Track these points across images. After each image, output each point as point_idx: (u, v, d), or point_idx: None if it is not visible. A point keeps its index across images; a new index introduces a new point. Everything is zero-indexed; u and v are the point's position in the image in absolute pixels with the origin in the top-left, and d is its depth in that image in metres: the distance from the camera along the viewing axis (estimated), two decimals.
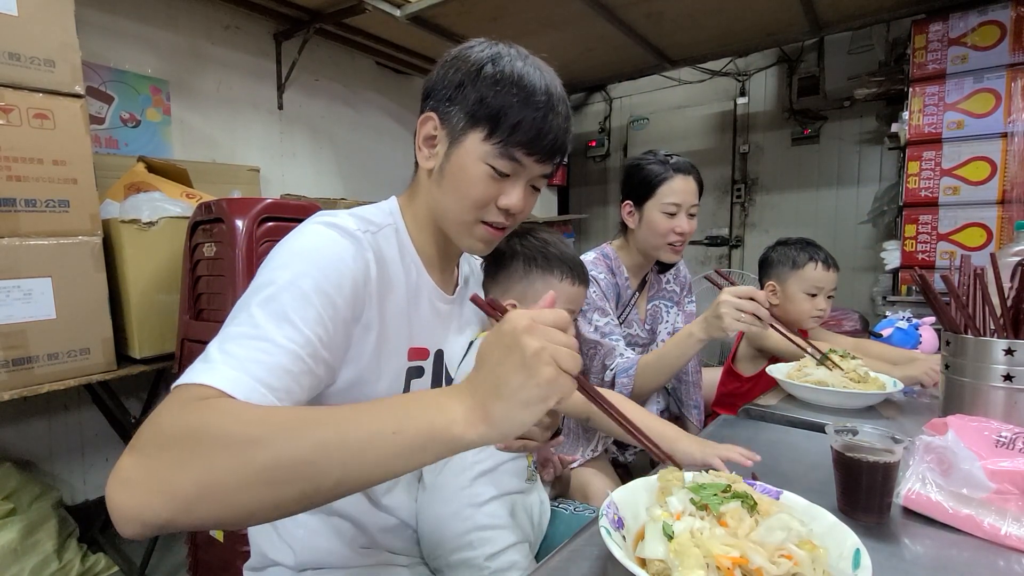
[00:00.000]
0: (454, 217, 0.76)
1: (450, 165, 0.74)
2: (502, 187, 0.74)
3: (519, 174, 0.74)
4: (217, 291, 1.50)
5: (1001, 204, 2.18)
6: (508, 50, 0.74)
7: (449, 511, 0.81)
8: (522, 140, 0.71)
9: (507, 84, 0.70)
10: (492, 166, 0.72)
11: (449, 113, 0.73)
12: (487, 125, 0.71)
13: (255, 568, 0.82)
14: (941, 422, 0.74)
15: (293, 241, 0.67)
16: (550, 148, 0.73)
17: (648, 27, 2.62)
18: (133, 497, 0.43)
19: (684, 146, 3.80)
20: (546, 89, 0.72)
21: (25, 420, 1.97)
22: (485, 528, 0.80)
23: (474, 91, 0.71)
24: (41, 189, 1.43)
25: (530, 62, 0.74)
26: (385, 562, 0.82)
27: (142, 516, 0.43)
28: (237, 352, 0.53)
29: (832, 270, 1.53)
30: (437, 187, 0.76)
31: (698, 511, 0.55)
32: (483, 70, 0.71)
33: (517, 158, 0.72)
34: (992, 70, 2.18)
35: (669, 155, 1.41)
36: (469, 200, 0.74)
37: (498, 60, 0.72)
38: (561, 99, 0.74)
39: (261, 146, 2.71)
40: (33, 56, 1.40)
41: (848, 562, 0.52)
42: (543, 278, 0.96)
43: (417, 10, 2.37)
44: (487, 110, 0.70)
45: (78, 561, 1.72)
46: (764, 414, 1.11)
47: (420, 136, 0.78)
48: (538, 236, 0.99)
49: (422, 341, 0.79)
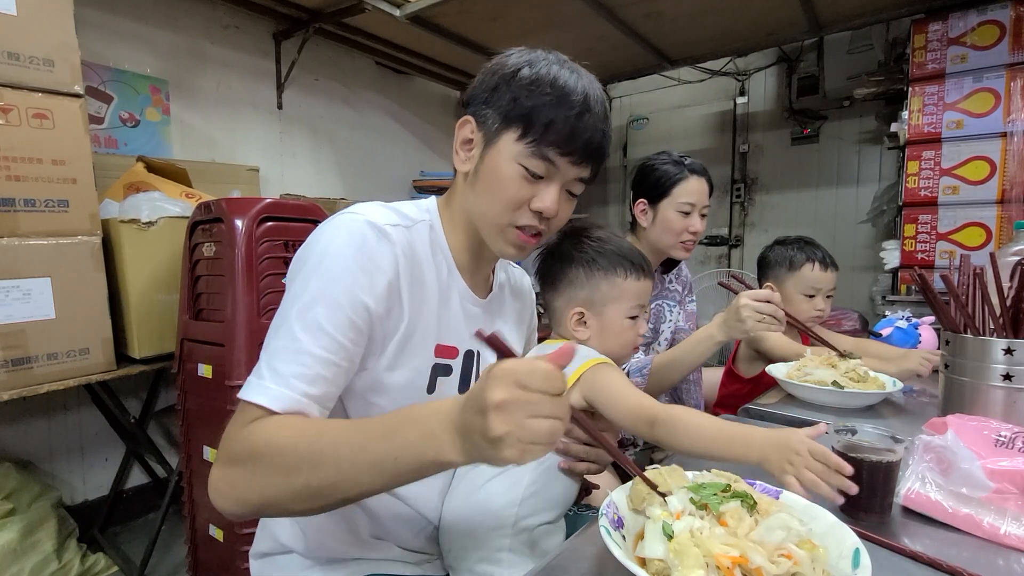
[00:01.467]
0: (487, 219, 0.75)
1: (484, 167, 0.74)
2: (535, 189, 0.73)
3: (553, 176, 0.73)
4: (216, 291, 1.49)
5: (1000, 204, 2.18)
6: (545, 55, 0.74)
7: (491, 523, 0.80)
8: (555, 140, 0.70)
9: (541, 84, 0.70)
10: (525, 166, 0.71)
11: (485, 116, 0.74)
12: (520, 125, 0.70)
13: (264, 553, 0.83)
14: (941, 421, 0.74)
15: (325, 240, 0.68)
16: (584, 149, 0.72)
17: (648, 27, 2.62)
18: (224, 502, 0.60)
19: (684, 146, 3.80)
20: (582, 90, 0.71)
21: (25, 420, 1.97)
22: (518, 552, 0.80)
23: (508, 92, 0.71)
24: (40, 189, 1.43)
25: (567, 66, 0.73)
26: (396, 557, 0.82)
27: (232, 513, 0.60)
28: (281, 368, 0.62)
29: (830, 270, 1.53)
30: (471, 189, 0.76)
31: (698, 510, 0.55)
32: (519, 73, 0.71)
33: (550, 158, 0.71)
34: (991, 70, 2.18)
35: (683, 156, 1.43)
36: (502, 201, 0.73)
37: (534, 63, 0.72)
38: (599, 101, 0.73)
39: (260, 146, 2.71)
40: (32, 56, 1.40)
41: (848, 561, 0.52)
42: (608, 279, 0.92)
43: (417, 10, 2.37)
44: (520, 110, 0.70)
45: (78, 561, 1.72)
46: (764, 414, 1.11)
47: (458, 140, 0.78)
48: (592, 236, 0.96)
49: (451, 340, 0.79)
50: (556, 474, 0.84)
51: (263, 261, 1.45)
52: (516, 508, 0.81)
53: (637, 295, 0.94)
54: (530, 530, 0.82)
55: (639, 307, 0.94)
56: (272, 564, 0.82)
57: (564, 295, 0.95)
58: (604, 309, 0.93)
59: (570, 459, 0.85)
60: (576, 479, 0.88)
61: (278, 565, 0.81)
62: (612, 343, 0.93)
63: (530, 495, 0.81)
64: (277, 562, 0.81)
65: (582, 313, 0.93)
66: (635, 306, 0.94)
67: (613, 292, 0.92)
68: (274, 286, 1.47)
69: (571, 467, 0.84)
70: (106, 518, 2.13)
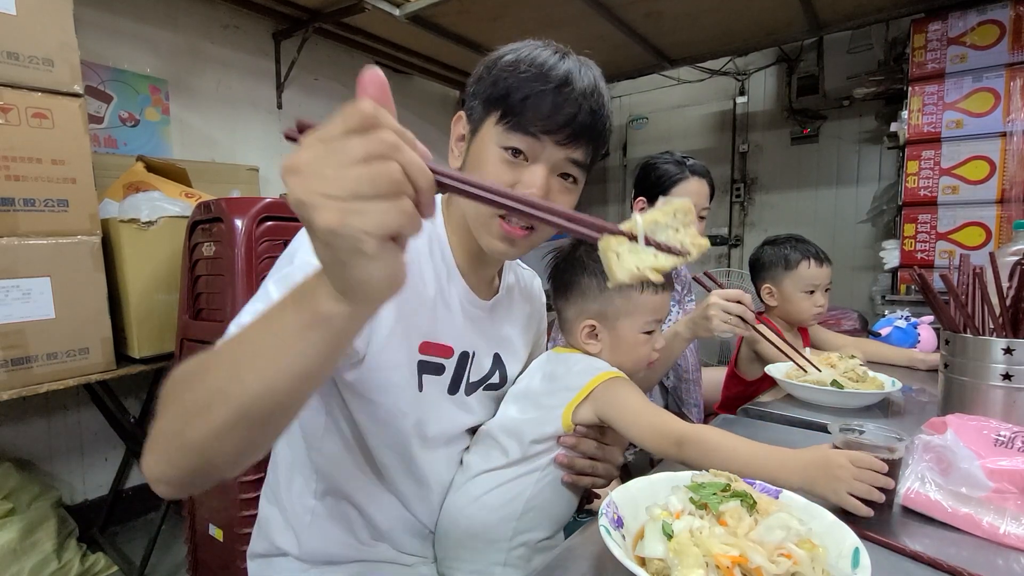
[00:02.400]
0: (473, 212, 0.72)
1: (470, 157, 0.73)
2: (519, 173, 0.69)
3: (537, 155, 0.69)
4: (216, 291, 1.49)
5: (1000, 203, 2.18)
6: (534, 42, 0.72)
7: (488, 536, 0.79)
8: (534, 116, 0.67)
9: (520, 64, 0.68)
10: (505, 147, 0.68)
11: (472, 108, 0.73)
12: (500, 107, 0.69)
13: (260, 555, 0.82)
14: (940, 421, 0.74)
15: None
16: (568, 124, 0.67)
17: (647, 26, 2.62)
18: (146, 470, 0.48)
19: (683, 145, 3.80)
20: (565, 69, 0.68)
21: (24, 420, 1.97)
22: (513, 567, 0.80)
23: (489, 77, 0.70)
24: (40, 188, 1.42)
25: (554, 49, 0.71)
26: (390, 559, 0.82)
27: (160, 477, 0.47)
28: (241, 318, 0.58)
29: (825, 265, 1.53)
30: None
31: (697, 510, 0.55)
32: (502, 59, 0.71)
33: (531, 132, 0.67)
34: (991, 69, 2.18)
35: (686, 156, 1.42)
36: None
37: (519, 50, 0.71)
38: (586, 78, 0.69)
39: (260, 145, 2.71)
40: (32, 55, 1.40)
41: (847, 561, 0.52)
42: (622, 292, 0.85)
43: (416, 9, 2.37)
44: (499, 91, 0.69)
45: (77, 561, 1.72)
46: (764, 413, 1.11)
47: (453, 137, 0.77)
48: None
49: (447, 339, 0.77)
50: (559, 489, 0.82)
51: (263, 261, 1.44)
52: (514, 522, 0.79)
53: (654, 310, 0.87)
54: (527, 546, 0.81)
55: (655, 321, 0.88)
56: (268, 566, 0.81)
57: (575, 305, 0.89)
58: (617, 323, 0.87)
59: (574, 474, 0.83)
60: (578, 494, 0.87)
61: (274, 567, 0.80)
62: (624, 358, 0.88)
63: (530, 509, 0.80)
64: (273, 564, 0.81)
65: (594, 326, 0.88)
66: (651, 321, 0.87)
67: (627, 306, 0.86)
68: None
69: (575, 481, 0.82)
70: (106, 518, 2.14)
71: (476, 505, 0.80)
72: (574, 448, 0.81)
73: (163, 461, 0.46)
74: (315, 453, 0.77)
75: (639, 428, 0.77)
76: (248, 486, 1.40)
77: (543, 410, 0.82)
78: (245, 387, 0.41)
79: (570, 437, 0.81)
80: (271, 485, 0.83)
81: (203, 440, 0.43)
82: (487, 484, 0.81)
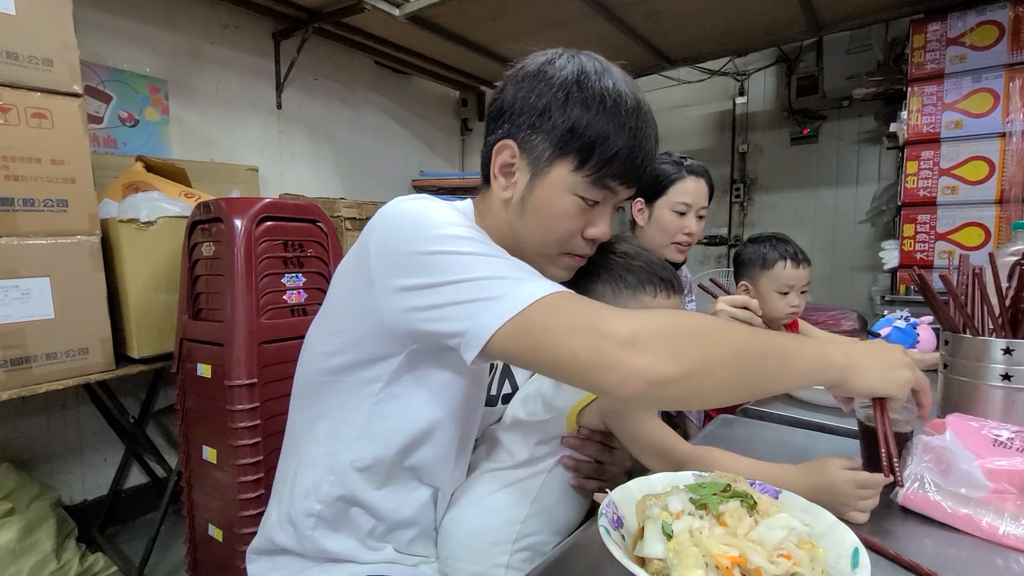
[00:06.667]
0: (536, 249, 0.72)
1: (534, 199, 0.70)
2: (590, 217, 0.70)
3: (608, 201, 0.70)
4: (216, 290, 1.49)
5: (999, 204, 2.18)
6: (591, 64, 0.68)
7: (492, 537, 0.79)
8: (617, 171, 0.67)
9: (596, 107, 0.65)
10: (583, 197, 0.68)
11: (532, 142, 0.68)
12: (577, 156, 0.66)
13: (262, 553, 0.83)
14: (939, 421, 0.74)
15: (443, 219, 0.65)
16: (642, 171, 0.69)
17: (647, 26, 2.62)
18: (655, 365, 0.54)
19: (683, 146, 3.80)
20: (636, 106, 0.67)
21: (23, 420, 1.96)
22: (516, 570, 0.79)
23: (562, 117, 0.66)
24: (39, 188, 1.42)
25: (615, 75, 0.68)
26: (392, 559, 0.81)
27: (660, 375, 0.54)
28: (510, 274, 0.60)
29: (803, 266, 1.52)
30: (518, 218, 0.72)
31: (697, 510, 0.55)
32: (570, 94, 0.66)
33: (610, 187, 0.68)
34: (990, 70, 2.18)
35: (684, 156, 1.42)
36: (556, 235, 0.70)
37: (584, 81, 0.66)
38: (649, 111, 0.70)
39: (260, 145, 2.71)
40: (31, 55, 1.40)
41: (847, 561, 0.52)
42: (635, 298, 0.84)
43: (416, 9, 2.36)
44: (578, 141, 0.65)
45: (77, 561, 1.72)
46: (763, 414, 1.11)
47: (496, 163, 0.72)
48: (618, 250, 0.88)
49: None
50: (566, 492, 0.82)
51: (262, 261, 1.45)
52: (520, 524, 0.79)
53: None
54: (531, 550, 0.80)
55: None
56: (270, 563, 0.81)
57: None
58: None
59: (580, 477, 0.83)
60: (586, 499, 0.86)
61: (276, 565, 0.81)
62: None
63: (536, 512, 0.80)
64: (275, 562, 0.81)
65: None
66: None
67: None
68: (273, 286, 1.47)
69: (581, 484, 0.82)
70: (105, 518, 2.13)
71: (481, 505, 0.80)
72: (578, 450, 0.82)
73: (674, 363, 0.55)
74: (343, 452, 0.75)
75: (641, 445, 0.77)
76: (248, 486, 1.40)
77: (550, 412, 0.82)
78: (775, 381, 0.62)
79: (573, 438, 0.81)
80: (279, 482, 0.83)
81: (718, 384, 0.58)
82: (493, 484, 0.81)
